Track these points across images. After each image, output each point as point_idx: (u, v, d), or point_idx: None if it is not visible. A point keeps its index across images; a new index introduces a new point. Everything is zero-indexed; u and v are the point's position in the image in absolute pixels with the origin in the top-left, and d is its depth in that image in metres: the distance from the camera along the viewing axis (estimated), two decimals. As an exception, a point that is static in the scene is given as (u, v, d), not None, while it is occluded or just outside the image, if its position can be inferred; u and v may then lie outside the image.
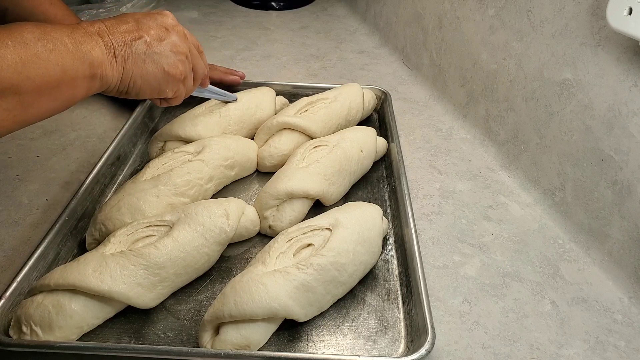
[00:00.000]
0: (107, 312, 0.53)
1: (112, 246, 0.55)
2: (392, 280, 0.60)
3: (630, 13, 0.56)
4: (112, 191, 0.72)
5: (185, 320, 0.55)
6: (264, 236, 0.66)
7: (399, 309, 0.57)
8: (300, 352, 0.52)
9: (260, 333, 0.51)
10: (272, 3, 1.48)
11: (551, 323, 0.57)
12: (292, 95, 0.93)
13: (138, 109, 0.84)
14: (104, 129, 0.87)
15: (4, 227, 0.66)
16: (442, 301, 0.59)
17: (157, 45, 0.57)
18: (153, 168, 0.68)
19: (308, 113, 0.81)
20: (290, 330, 0.54)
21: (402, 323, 0.55)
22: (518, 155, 0.79)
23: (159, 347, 0.50)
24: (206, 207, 0.60)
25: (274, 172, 0.71)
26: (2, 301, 0.51)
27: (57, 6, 0.78)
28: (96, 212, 0.63)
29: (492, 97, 0.85)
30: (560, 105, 0.71)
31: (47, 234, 0.58)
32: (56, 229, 0.59)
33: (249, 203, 0.68)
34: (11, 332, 0.50)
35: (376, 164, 0.79)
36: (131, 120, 0.81)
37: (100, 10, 1.19)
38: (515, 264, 0.65)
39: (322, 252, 0.54)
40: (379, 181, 0.77)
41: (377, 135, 0.80)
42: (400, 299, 0.58)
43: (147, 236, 0.57)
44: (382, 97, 0.92)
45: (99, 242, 0.60)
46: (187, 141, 0.75)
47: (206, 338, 0.51)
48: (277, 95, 0.89)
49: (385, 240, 0.65)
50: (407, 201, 0.66)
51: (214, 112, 0.80)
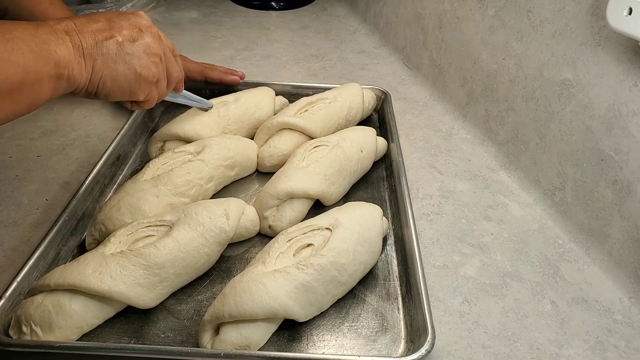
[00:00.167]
0: (107, 312, 0.53)
1: (112, 246, 0.55)
2: (392, 280, 0.60)
3: (630, 13, 0.56)
4: (112, 191, 0.72)
5: (185, 320, 0.55)
6: (264, 236, 0.66)
7: (399, 309, 0.57)
8: (300, 352, 0.52)
9: (260, 333, 0.51)
10: (272, 3, 1.48)
11: (551, 323, 0.57)
12: (292, 95, 0.93)
13: (138, 109, 0.84)
14: (104, 129, 0.87)
15: (4, 227, 0.66)
16: (442, 301, 0.59)
17: (130, 46, 0.54)
18: (153, 168, 0.68)
19: (308, 113, 0.81)
20: (290, 330, 0.54)
21: (402, 323, 0.55)
22: (518, 155, 0.79)
23: (159, 347, 0.50)
24: (206, 207, 0.60)
25: (274, 172, 0.71)
26: (2, 301, 0.51)
27: (57, 6, 0.78)
28: (96, 212, 0.63)
29: (492, 97, 0.85)
30: (560, 105, 0.71)
31: (47, 234, 0.58)
32: (56, 229, 0.59)
33: (249, 203, 0.68)
34: (11, 332, 0.50)
35: (376, 164, 0.79)
36: (131, 120, 0.81)
37: (100, 11, 1.19)
38: (515, 264, 0.65)
39: (322, 252, 0.54)
40: (379, 181, 0.77)
41: (377, 135, 0.80)
42: (400, 299, 0.58)
43: (147, 236, 0.57)
44: (382, 97, 0.92)
45: (99, 242, 0.60)
46: (187, 141, 0.76)
47: (206, 338, 0.51)
48: (277, 95, 0.89)
49: (385, 240, 0.65)
50: (407, 201, 0.66)
51: (213, 112, 0.80)
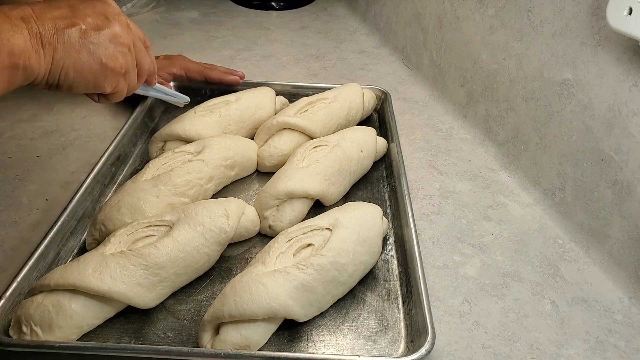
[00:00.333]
0: (107, 312, 0.53)
1: (112, 246, 0.55)
2: (392, 280, 0.60)
3: (630, 13, 0.56)
4: (112, 191, 0.72)
5: (185, 320, 0.55)
6: (264, 236, 0.66)
7: (399, 309, 0.57)
8: (300, 352, 0.52)
9: (260, 333, 0.51)
10: (272, 3, 1.48)
11: (551, 323, 0.57)
12: (292, 95, 0.93)
13: (138, 109, 0.84)
14: (104, 129, 0.87)
15: (4, 227, 0.66)
16: (442, 301, 0.59)
17: (94, 35, 0.51)
18: (153, 168, 0.68)
19: (308, 113, 0.81)
20: (290, 330, 0.54)
21: (402, 323, 0.55)
22: (518, 155, 0.79)
23: (159, 347, 0.50)
24: (206, 207, 0.60)
25: (274, 172, 0.71)
26: (2, 301, 0.51)
27: None
28: (96, 212, 0.63)
29: (492, 97, 0.85)
30: (560, 105, 0.71)
31: (47, 234, 0.58)
32: (56, 229, 0.59)
33: (249, 203, 0.68)
34: (11, 332, 0.50)
35: (376, 164, 0.79)
36: (131, 120, 0.81)
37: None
38: (515, 264, 0.65)
39: (322, 252, 0.54)
40: (379, 181, 0.77)
41: (377, 135, 0.80)
42: (400, 299, 0.58)
43: (147, 236, 0.57)
44: (382, 97, 0.92)
45: (99, 242, 0.60)
46: (187, 141, 0.76)
47: (206, 338, 0.51)
48: (277, 95, 0.89)
49: (385, 240, 0.65)
50: (407, 201, 0.66)
51: (214, 111, 0.80)
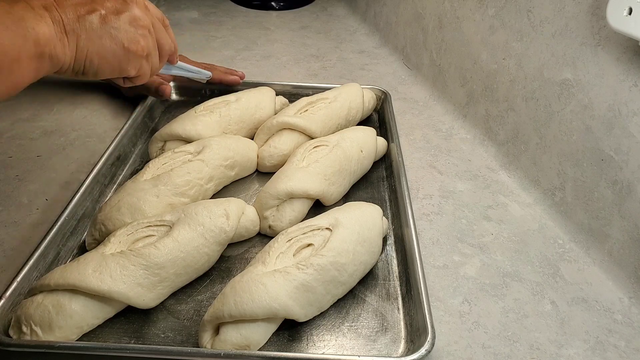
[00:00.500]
0: (107, 312, 0.53)
1: (112, 246, 0.55)
2: (392, 280, 0.60)
3: (630, 13, 0.56)
4: (112, 191, 0.72)
5: (185, 320, 0.55)
6: (264, 236, 0.66)
7: (399, 309, 0.57)
8: (300, 352, 0.52)
9: (260, 333, 0.51)
10: (272, 3, 1.48)
11: (551, 323, 0.57)
12: (292, 95, 0.93)
13: (138, 109, 0.84)
14: (104, 129, 0.87)
15: (4, 227, 0.66)
16: (442, 301, 0.59)
17: (115, 19, 0.51)
18: (153, 168, 0.68)
19: (308, 113, 0.81)
20: (290, 330, 0.54)
21: (402, 323, 0.55)
22: (518, 155, 0.79)
23: (159, 347, 0.50)
24: (206, 207, 0.60)
25: (274, 172, 0.71)
26: (2, 301, 0.51)
27: None
28: (96, 212, 0.63)
29: (492, 97, 0.85)
30: (560, 105, 0.71)
31: (47, 234, 0.58)
32: (56, 229, 0.59)
33: (249, 203, 0.68)
34: (11, 332, 0.50)
35: (376, 164, 0.79)
36: (131, 120, 0.81)
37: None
38: (515, 264, 0.65)
39: (322, 252, 0.54)
40: (379, 181, 0.77)
41: (377, 135, 0.80)
42: (400, 299, 0.58)
43: (147, 236, 0.57)
44: (382, 97, 0.92)
45: (99, 242, 0.60)
46: (187, 141, 0.75)
47: (206, 338, 0.51)
48: (277, 95, 0.89)
49: (385, 240, 0.65)
50: (407, 201, 0.66)
51: (214, 111, 0.80)
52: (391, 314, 0.56)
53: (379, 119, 0.93)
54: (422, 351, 0.47)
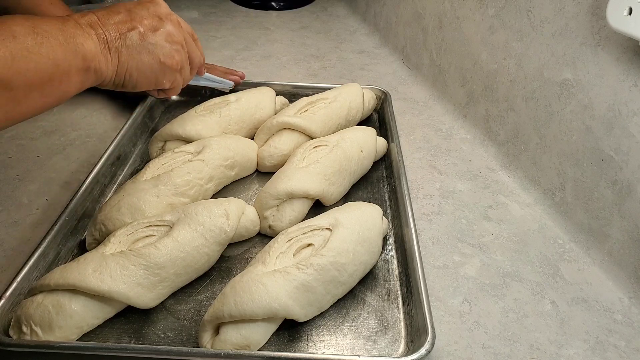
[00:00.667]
0: (107, 312, 0.53)
1: (112, 246, 0.55)
2: (392, 280, 0.60)
3: (630, 13, 0.56)
4: (112, 191, 0.72)
5: (185, 320, 0.55)
6: (264, 236, 0.66)
7: (399, 309, 0.57)
8: (300, 352, 0.52)
9: (260, 333, 0.51)
10: (272, 3, 1.48)
11: (551, 323, 0.57)
12: (292, 95, 0.93)
13: (138, 109, 0.84)
14: (104, 129, 0.87)
15: (4, 227, 0.66)
16: (442, 301, 0.59)
17: (152, 36, 0.55)
18: (153, 168, 0.68)
19: (308, 113, 0.81)
20: (290, 330, 0.54)
21: (402, 323, 0.55)
22: (518, 155, 0.79)
23: (159, 347, 0.50)
24: (206, 207, 0.60)
25: (274, 172, 0.71)
26: (2, 301, 0.51)
27: (57, 6, 0.78)
28: (96, 212, 0.63)
29: (492, 97, 0.85)
30: (560, 105, 0.71)
31: (47, 234, 0.58)
32: (56, 229, 0.59)
33: (249, 203, 0.68)
34: (11, 332, 0.50)
35: (376, 164, 0.79)
36: (131, 120, 0.81)
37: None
38: (515, 264, 0.65)
39: (322, 252, 0.54)
40: (379, 181, 0.77)
41: (377, 135, 0.80)
42: (400, 299, 0.58)
43: (147, 236, 0.57)
44: (382, 97, 0.92)
45: (99, 242, 0.60)
46: (187, 141, 0.76)
47: (206, 338, 0.51)
48: (277, 95, 0.89)
49: (385, 240, 0.65)
50: (407, 201, 0.66)
51: (214, 111, 0.80)
52: (391, 314, 0.56)
53: (379, 119, 0.93)
54: (422, 351, 0.47)
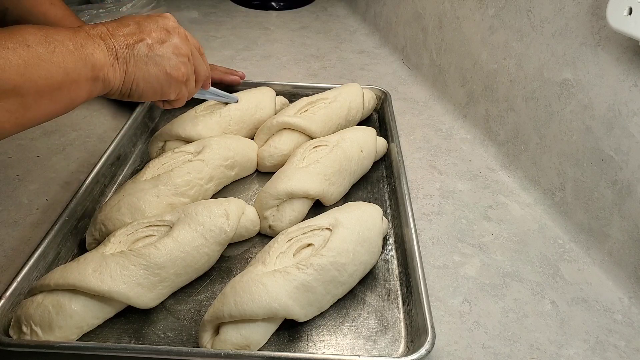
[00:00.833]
0: (107, 312, 0.53)
1: (112, 246, 0.55)
2: (392, 280, 0.60)
3: (630, 13, 0.56)
4: (112, 191, 0.72)
5: (185, 320, 0.55)
6: (264, 236, 0.66)
7: (399, 309, 0.57)
8: (300, 352, 0.52)
9: (260, 333, 0.51)
10: (272, 3, 1.48)
11: (551, 323, 0.57)
12: (292, 95, 0.93)
13: (138, 109, 0.84)
14: (104, 129, 0.87)
15: (4, 227, 0.66)
16: (442, 301, 0.59)
17: (159, 48, 0.57)
18: (153, 168, 0.68)
19: (308, 113, 0.81)
20: (290, 330, 0.54)
21: (402, 323, 0.55)
22: (518, 155, 0.79)
23: (159, 347, 0.50)
24: (206, 207, 0.60)
25: (274, 172, 0.71)
26: (2, 301, 0.51)
27: (57, 6, 0.78)
28: (96, 212, 0.63)
29: (492, 97, 0.85)
30: (560, 105, 0.71)
31: (47, 234, 0.58)
32: (56, 229, 0.59)
33: (249, 203, 0.68)
34: (11, 332, 0.50)
35: (376, 164, 0.79)
36: (131, 120, 0.81)
37: (100, 11, 1.19)
38: (515, 264, 0.65)
39: (322, 252, 0.54)
40: (379, 181, 0.77)
41: (377, 135, 0.80)
42: (400, 299, 0.58)
43: (147, 236, 0.57)
44: (382, 97, 0.92)
45: (99, 242, 0.60)
46: (188, 141, 0.76)
47: (206, 338, 0.51)
48: (277, 95, 0.89)
49: (385, 240, 0.65)
50: (407, 201, 0.66)
51: (214, 112, 0.80)
52: (391, 314, 0.56)
53: (379, 119, 0.93)
54: (422, 351, 0.47)
